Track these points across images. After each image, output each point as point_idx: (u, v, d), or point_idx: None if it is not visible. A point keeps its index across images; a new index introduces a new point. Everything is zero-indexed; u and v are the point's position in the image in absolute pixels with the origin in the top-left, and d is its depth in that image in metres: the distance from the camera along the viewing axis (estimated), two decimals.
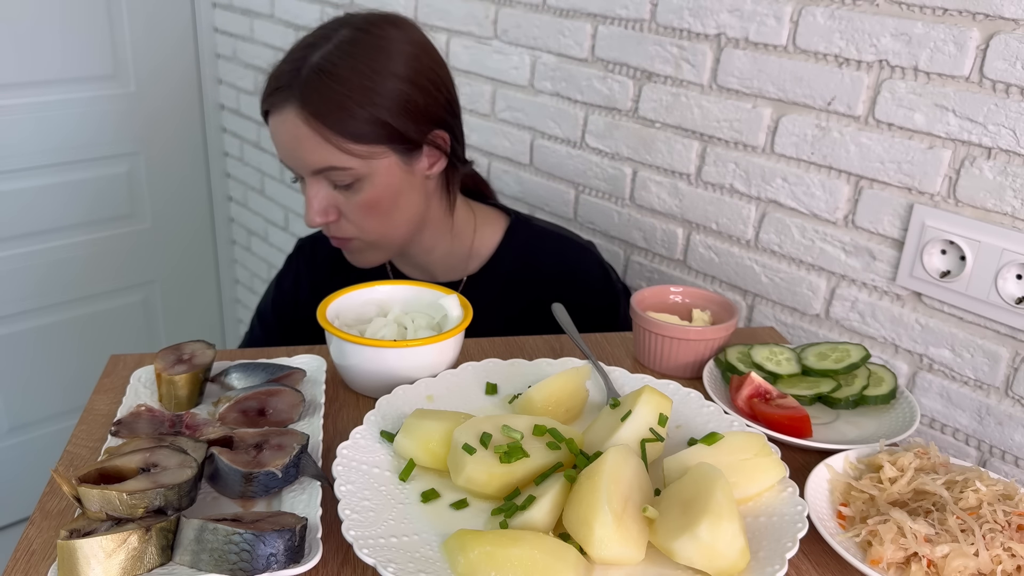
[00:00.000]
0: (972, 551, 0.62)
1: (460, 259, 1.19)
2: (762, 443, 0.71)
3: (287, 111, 1.01)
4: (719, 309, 0.99)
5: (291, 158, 1.04)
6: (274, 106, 1.03)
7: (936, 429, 1.05)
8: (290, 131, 1.01)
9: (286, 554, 0.58)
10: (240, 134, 2.44)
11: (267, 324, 1.30)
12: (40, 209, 2.23)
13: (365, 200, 1.04)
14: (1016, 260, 0.93)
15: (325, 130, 0.99)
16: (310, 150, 1.01)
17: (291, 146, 1.02)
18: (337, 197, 1.04)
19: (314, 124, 0.99)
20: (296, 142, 1.01)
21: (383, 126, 1.01)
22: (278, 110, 1.02)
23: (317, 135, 1.00)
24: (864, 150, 1.05)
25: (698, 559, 0.60)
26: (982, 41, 0.93)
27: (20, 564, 0.62)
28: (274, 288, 1.31)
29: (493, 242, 1.20)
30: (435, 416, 0.74)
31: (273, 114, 1.04)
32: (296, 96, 1.00)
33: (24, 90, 2.12)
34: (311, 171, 1.03)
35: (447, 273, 1.20)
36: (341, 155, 1.00)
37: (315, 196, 1.04)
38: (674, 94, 1.26)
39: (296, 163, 1.04)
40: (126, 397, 0.81)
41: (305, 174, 1.04)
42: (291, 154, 1.03)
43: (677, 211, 1.30)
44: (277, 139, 1.04)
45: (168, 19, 2.33)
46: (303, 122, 1.00)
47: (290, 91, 1.01)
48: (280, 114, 1.02)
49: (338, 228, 1.07)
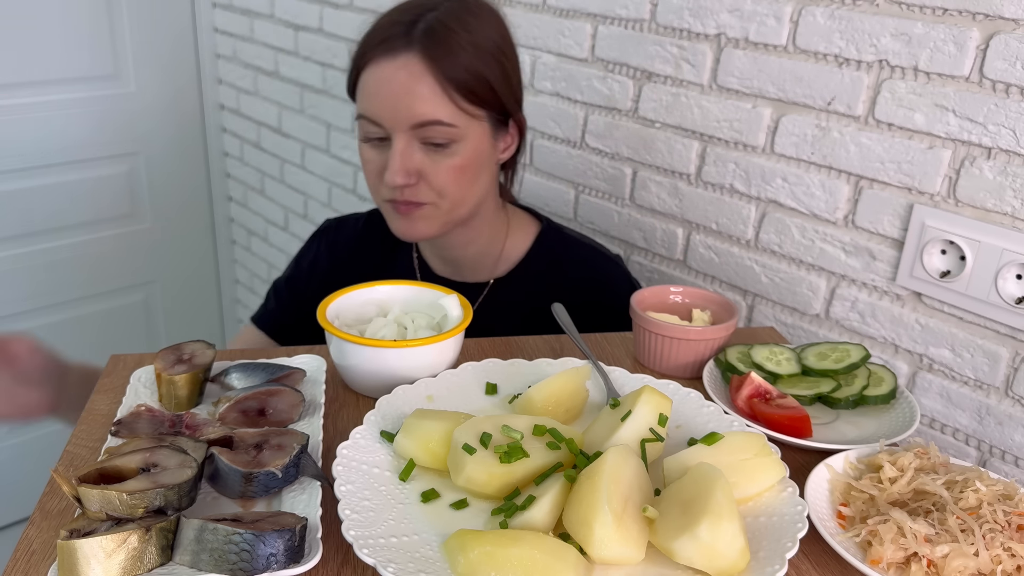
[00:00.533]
0: (972, 551, 0.62)
1: (490, 260, 1.18)
2: (762, 443, 0.71)
3: (404, 58, 0.99)
4: (719, 309, 0.99)
5: (394, 108, 1.00)
6: (387, 53, 1.01)
7: (936, 429, 1.05)
8: (404, 78, 0.99)
9: (286, 554, 0.58)
10: (240, 134, 2.44)
11: (281, 299, 1.30)
12: (40, 209, 2.23)
13: (454, 164, 1.03)
14: (1016, 260, 0.93)
15: (444, 80, 0.99)
16: (423, 99, 0.99)
17: (400, 94, 1.00)
18: (423, 159, 1.02)
19: (435, 73, 0.99)
20: (408, 90, 0.99)
21: (490, 90, 1.03)
22: (391, 57, 1.00)
23: (435, 84, 0.99)
24: (864, 150, 1.05)
25: (698, 559, 0.60)
26: (982, 41, 0.93)
27: (20, 564, 0.62)
28: (293, 264, 1.32)
29: (523, 246, 1.19)
30: (435, 416, 0.74)
31: (381, 62, 1.01)
32: (417, 44, 0.99)
33: (24, 90, 2.12)
34: (413, 123, 1.00)
35: (475, 273, 1.19)
36: (451, 109, 1.00)
37: (403, 153, 1.01)
38: (674, 94, 1.26)
39: (399, 114, 1.00)
40: (126, 397, 0.81)
41: (402, 128, 1.01)
42: (397, 103, 1.00)
43: (677, 211, 1.30)
44: (383, 88, 1.01)
45: (168, 19, 2.33)
46: (423, 70, 0.99)
47: (409, 40, 1.00)
48: (394, 61, 1.00)
49: (414, 192, 1.04)
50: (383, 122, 1.02)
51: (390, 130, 1.02)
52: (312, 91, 2.08)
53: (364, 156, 1.07)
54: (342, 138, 2.03)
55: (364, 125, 1.05)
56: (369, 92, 1.03)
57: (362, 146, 1.07)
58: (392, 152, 1.02)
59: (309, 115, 2.12)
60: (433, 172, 1.03)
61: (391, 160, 1.02)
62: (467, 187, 1.06)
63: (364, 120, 1.04)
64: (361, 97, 1.04)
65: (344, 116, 2.00)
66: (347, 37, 1.91)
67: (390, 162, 1.02)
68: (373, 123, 1.03)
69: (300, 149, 2.19)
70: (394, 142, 1.02)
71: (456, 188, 1.05)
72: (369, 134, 1.05)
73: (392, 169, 1.02)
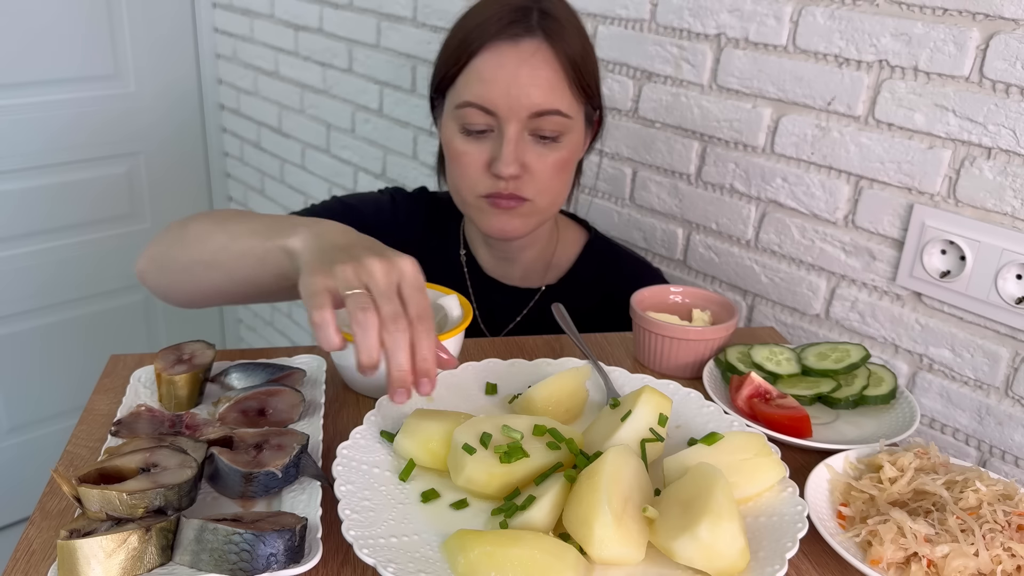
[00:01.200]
0: (972, 551, 0.62)
1: (541, 265, 1.17)
2: (762, 443, 0.71)
3: (527, 44, 0.98)
4: (719, 309, 0.99)
5: (514, 95, 0.98)
6: (509, 38, 0.98)
7: (936, 429, 1.05)
8: (528, 65, 0.97)
9: (286, 554, 0.58)
10: (240, 134, 2.44)
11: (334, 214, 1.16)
12: (40, 209, 2.23)
13: (559, 158, 1.01)
14: (1016, 260, 0.93)
15: (564, 68, 0.99)
16: (547, 88, 0.98)
17: (523, 81, 0.97)
18: (530, 151, 1.00)
19: (557, 60, 0.98)
20: (532, 77, 0.97)
21: (594, 80, 1.04)
22: (513, 42, 0.98)
23: (558, 72, 0.98)
24: (864, 150, 1.05)
25: (698, 559, 0.60)
26: (982, 41, 0.93)
27: (20, 564, 0.62)
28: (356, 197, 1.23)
29: (572, 254, 1.18)
30: (435, 416, 0.74)
31: (502, 46, 0.98)
32: (539, 31, 0.98)
33: (24, 90, 2.12)
34: (532, 112, 0.98)
35: (525, 278, 1.17)
36: (569, 99, 1.00)
37: (517, 142, 0.99)
38: (674, 94, 1.26)
39: (519, 101, 0.98)
40: (126, 397, 0.81)
41: (518, 116, 0.98)
42: (518, 90, 0.97)
43: (677, 211, 1.30)
44: (503, 73, 0.98)
45: (168, 19, 2.33)
46: (547, 56, 0.98)
47: (530, 25, 0.99)
48: (516, 46, 0.98)
49: (518, 185, 1.01)
50: (498, 109, 0.98)
51: (504, 118, 0.99)
52: (312, 91, 2.08)
53: (458, 149, 1.03)
54: (342, 138, 2.03)
55: (469, 114, 1.00)
56: (484, 78, 0.99)
57: (454, 140, 1.03)
58: (505, 141, 0.99)
59: (309, 115, 2.12)
60: (539, 166, 1.01)
61: (504, 150, 0.99)
62: (564, 183, 1.06)
63: (471, 108, 1.00)
64: (469, 83, 1.00)
65: (344, 116, 2.00)
66: (347, 37, 1.91)
67: (503, 152, 0.99)
68: (483, 111, 0.99)
69: (300, 149, 2.19)
70: (507, 131, 0.99)
71: (556, 183, 1.04)
72: (472, 125, 1.01)
73: (505, 159, 0.98)
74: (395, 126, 1.86)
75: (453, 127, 1.03)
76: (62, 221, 2.28)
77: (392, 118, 1.86)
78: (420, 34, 1.71)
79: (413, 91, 1.78)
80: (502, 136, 0.99)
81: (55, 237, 2.28)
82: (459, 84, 1.02)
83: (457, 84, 1.02)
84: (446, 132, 1.05)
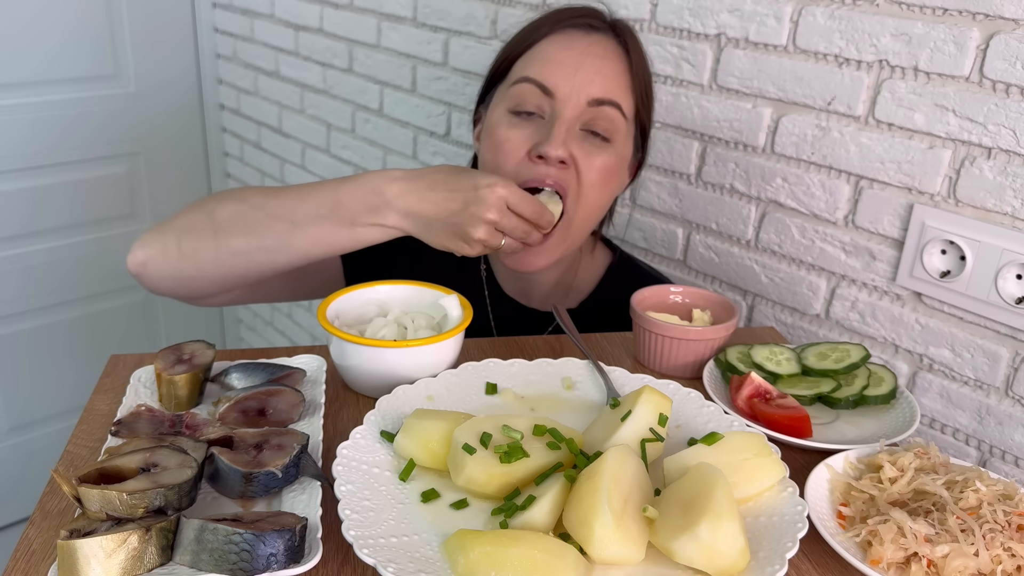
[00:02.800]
0: (972, 551, 0.62)
1: (562, 290, 1.12)
2: (762, 443, 0.71)
3: (600, 36, 0.99)
4: (719, 309, 0.99)
5: (579, 78, 0.95)
6: (583, 27, 0.99)
7: (936, 429, 1.05)
8: (597, 52, 0.98)
9: (286, 554, 0.58)
10: (240, 134, 2.44)
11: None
12: (40, 209, 2.23)
13: (605, 162, 0.98)
14: (1016, 260, 0.93)
15: (631, 71, 1.00)
16: (612, 79, 0.98)
17: (588, 65, 0.96)
18: (579, 146, 0.96)
19: (631, 67, 1.00)
20: (601, 67, 0.97)
21: (649, 106, 1.05)
22: (587, 31, 0.99)
23: (625, 70, 0.99)
24: (864, 150, 1.05)
25: (698, 559, 0.60)
26: (982, 41, 0.93)
27: (20, 564, 0.62)
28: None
29: (594, 277, 1.14)
30: (435, 416, 0.74)
31: (575, 32, 0.99)
32: (611, 32, 1.01)
33: (24, 90, 2.12)
34: (592, 98, 0.96)
35: (544, 301, 1.12)
36: (628, 101, 1.00)
37: (568, 128, 0.96)
38: (674, 94, 1.26)
39: (580, 82, 0.95)
40: (126, 397, 0.80)
41: (576, 100, 0.95)
42: (585, 75, 0.96)
43: (677, 211, 1.30)
44: (569, 54, 0.97)
45: (168, 19, 2.33)
46: (621, 57, 1.00)
47: (604, 24, 1.01)
48: (588, 35, 0.99)
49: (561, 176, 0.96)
50: (557, 90, 0.95)
51: (561, 100, 0.96)
52: (312, 91, 2.08)
53: (501, 136, 0.98)
54: (342, 138, 2.03)
55: (525, 91, 0.97)
56: (548, 57, 0.97)
57: (499, 127, 0.98)
58: (556, 124, 0.95)
59: (309, 115, 2.12)
60: (586, 164, 0.96)
61: (554, 130, 0.94)
62: (603, 197, 1.01)
63: (529, 84, 0.96)
64: (532, 62, 0.98)
65: (344, 116, 2.00)
66: (347, 37, 1.91)
67: (553, 132, 0.94)
68: (541, 90, 0.96)
69: (300, 149, 2.19)
70: (560, 115, 0.95)
71: (596, 192, 0.99)
72: (523, 105, 0.97)
73: (555, 140, 0.94)
74: (395, 126, 1.86)
75: (501, 111, 0.99)
76: (62, 221, 2.28)
77: (392, 118, 1.86)
78: (420, 34, 1.71)
79: (413, 91, 1.78)
80: (554, 120, 0.95)
81: (55, 237, 2.28)
82: (519, 65, 1.00)
83: (516, 66, 1.01)
84: (490, 121, 1.01)
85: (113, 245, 2.39)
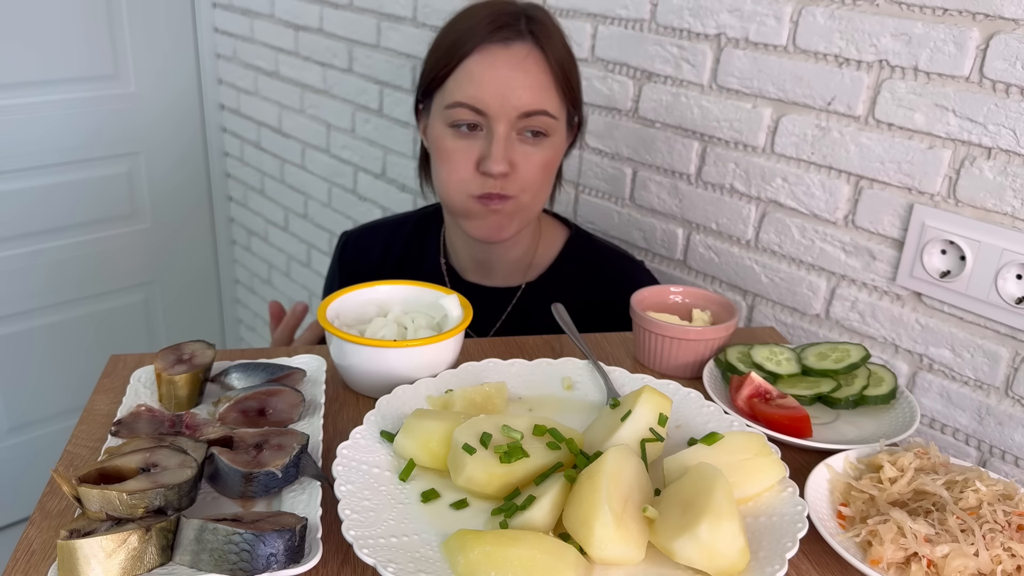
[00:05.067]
0: (972, 551, 0.62)
1: (523, 265, 1.20)
2: (762, 443, 0.71)
3: (519, 47, 1.02)
4: (719, 309, 0.99)
5: (505, 96, 1.01)
6: (500, 41, 1.02)
7: (936, 429, 1.05)
8: (520, 67, 1.01)
9: (286, 554, 0.58)
10: (240, 134, 2.44)
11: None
12: (40, 209, 2.23)
13: (544, 158, 1.05)
14: (1016, 260, 0.93)
15: (552, 71, 1.03)
16: (535, 90, 1.02)
17: (514, 83, 1.01)
18: (517, 151, 1.04)
19: (547, 63, 1.03)
20: (523, 79, 1.01)
21: (576, 85, 1.09)
22: (505, 45, 1.02)
23: (548, 75, 1.03)
24: (864, 150, 1.05)
25: (698, 559, 0.60)
26: (982, 41, 0.93)
27: (20, 564, 0.62)
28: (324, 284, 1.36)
29: (553, 250, 1.21)
30: (435, 416, 0.74)
31: (493, 49, 1.02)
32: (528, 35, 1.03)
33: (24, 90, 2.12)
34: (521, 112, 1.02)
35: (506, 278, 1.20)
36: (556, 101, 1.04)
37: (505, 141, 1.02)
38: (674, 94, 1.26)
39: (509, 101, 1.01)
40: (126, 397, 0.81)
41: (508, 116, 1.02)
42: (509, 92, 1.01)
43: (677, 211, 1.30)
44: (494, 74, 1.01)
45: (168, 19, 2.33)
46: (538, 60, 1.02)
47: (519, 30, 1.02)
48: (508, 49, 1.02)
49: (506, 184, 1.04)
50: (488, 109, 1.02)
51: (494, 118, 1.02)
52: (312, 91, 2.08)
53: (447, 147, 1.05)
54: (342, 138, 2.03)
55: (460, 113, 1.03)
56: (476, 79, 1.02)
57: (444, 139, 1.06)
58: (495, 140, 1.02)
59: (309, 115, 2.12)
60: (525, 165, 1.04)
61: (493, 148, 1.02)
62: (547, 183, 1.09)
63: (462, 107, 1.03)
64: (460, 84, 1.03)
65: (344, 116, 2.00)
66: (347, 37, 1.91)
67: (492, 151, 1.02)
68: (474, 111, 1.02)
69: (300, 149, 2.19)
70: (496, 130, 1.02)
71: (540, 181, 1.07)
72: (461, 122, 1.04)
73: (496, 157, 1.01)
74: (395, 126, 1.86)
75: (441, 126, 1.06)
76: (62, 221, 2.28)
77: (392, 118, 1.86)
78: (420, 34, 1.71)
79: (413, 91, 1.78)
80: (491, 135, 1.03)
81: (55, 237, 2.28)
82: (449, 85, 1.04)
83: (447, 85, 1.05)
84: (434, 131, 1.08)
85: (113, 245, 2.39)
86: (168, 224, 2.50)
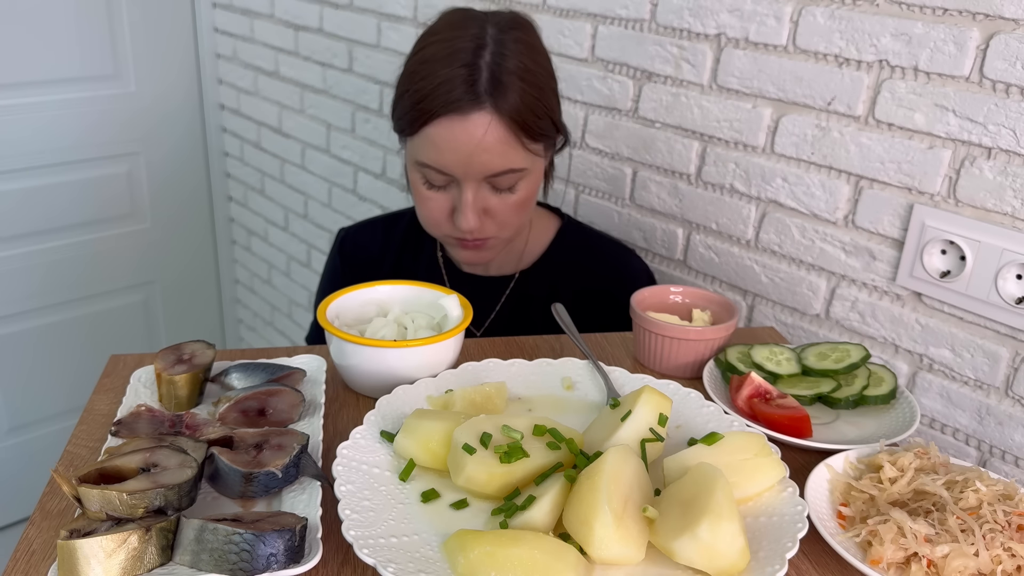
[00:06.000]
0: (972, 551, 0.62)
1: (515, 255, 1.21)
2: (762, 443, 0.71)
3: (476, 116, 0.97)
4: (719, 309, 0.99)
5: (467, 163, 0.99)
6: (456, 111, 0.97)
7: (936, 429, 1.05)
8: (478, 136, 0.97)
9: (286, 554, 0.58)
10: (240, 134, 2.44)
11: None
12: (40, 209, 2.23)
13: (519, 199, 1.05)
14: (1016, 260, 0.93)
15: (520, 133, 0.99)
16: (499, 153, 0.99)
17: (474, 151, 0.98)
18: (489, 199, 1.03)
19: (511, 127, 0.98)
20: (483, 146, 0.98)
21: (555, 125, 1.05)
22: (461, 115, 0.97)
23: (508, 136, 0.99)
24: (864, 150, 1.05)
25: (698, 559, 0.60)
26: (982, 41, 0.93)
27: (20, 564, 0.62)
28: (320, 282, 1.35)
29: (545, 240, 1.22)
30: (435, 416, 0.74)
31: (451, 119, 0.98)
32: (487, 99, 0.97)
33: (24, 90, 2.12)
34: (486, 175, 1.00)
35: (500, 267, 1.21)
36: (522, 155, 1.01)
37: (475, 200, 1.02)
38: (674, 94, 1.26)
39: (472, 168, 1.00)
40: (126, 397, 0.81)
41: (475, 178, 1.01)
42: (471, 159, 0.99)
43: (677, 211, 1.30)
44: (454, 144, 0.98)
45: (168, 19, 2.33)
46: (498, 125, 0.98)
47: (476, 95, 0.97)
48: (464, 120, 0.97)
49: (482, 229, 1.05)
50: (454, 173, 1.01)
51: (460, 180, 1.02)
52: (312, 91, 2.08)
53: (423, 195, 1.06)
54: (342, 138, 2.03)
55: (428, 173, 1.03)
56: (438, 147, 1.00)
57: (417, 186, 1.06)
58: (463, 200, 1.02)
59: (309, 115, 2.12)
60: (500, 210, 1.04)
61: (463, 207, 1.02)
62: (526, 214, 1.09)
63: (429, 169, 1.02)
64: (425, 147, 1.01)
65: (344, 116, 2.00)
66: (347, 37, 1.91)
67: (462, 209, 1.02)
68: (440, 173, 1.02)
69: (300, 149, 2.19)
70: (464, 190, 1.02)
71: (518, 219, 1.08)
72: (433, 181, 1.04)
73: (466, 216, 1.02)
74: None
75: (414, 172, 1.06)
76: (62, 221, 2.28)
77: None
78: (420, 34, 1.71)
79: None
80: (460, 196, 1.03)
81: (55, 237, 2.28)
82: (416, 143, 1.03)
83: (415, 141, 1.03)
84: (410, 170, 1.08)
85: (113, 245, 2.40)
86: (168, 224, 2.50)
